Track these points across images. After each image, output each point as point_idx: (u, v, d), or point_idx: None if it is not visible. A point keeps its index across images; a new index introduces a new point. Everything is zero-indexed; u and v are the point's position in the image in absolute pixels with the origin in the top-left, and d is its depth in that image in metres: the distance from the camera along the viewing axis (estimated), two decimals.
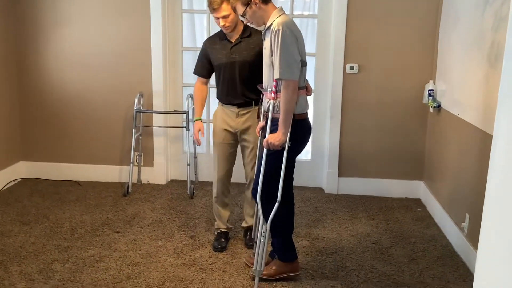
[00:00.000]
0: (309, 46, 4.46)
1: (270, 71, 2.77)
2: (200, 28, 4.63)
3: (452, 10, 3.74)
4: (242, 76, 3.18)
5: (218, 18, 3.13)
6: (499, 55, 2.84)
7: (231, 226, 3.54)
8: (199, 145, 3.52)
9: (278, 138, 2.72)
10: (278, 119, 2.75)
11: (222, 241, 3.39)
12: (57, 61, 4.55)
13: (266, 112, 2.86)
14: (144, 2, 4.35)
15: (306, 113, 2.87)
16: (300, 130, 2.82)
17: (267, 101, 2.84)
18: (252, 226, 3.40)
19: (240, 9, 2.79)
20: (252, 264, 2.96)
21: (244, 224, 3.55)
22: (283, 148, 2.76)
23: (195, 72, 3.41)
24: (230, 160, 3.39)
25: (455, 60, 3.60)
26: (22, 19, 4.49)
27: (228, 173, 3.41)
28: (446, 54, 3.83)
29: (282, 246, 3.00)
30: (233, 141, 3.34)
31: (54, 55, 4.54)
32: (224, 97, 3.29)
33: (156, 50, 4.42)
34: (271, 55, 2.72)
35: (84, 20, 4.44)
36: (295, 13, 4.38)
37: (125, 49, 4.46)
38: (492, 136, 2.87)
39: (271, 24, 2.71)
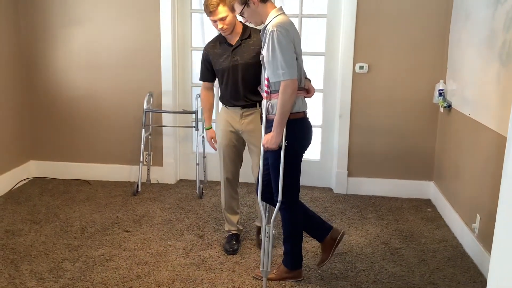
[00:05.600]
0: (318, 45, 4.45)
1: (265, 72, 2.75)
2: (209, 28, 4.63)
3: (462, 9, 3.72)
4: (245, 79, 3.16)
5: (215, 21, 3.08)
6: (510, 55, 2.81)
7: (241, 228, 3.54)
8: (216, 151, 3.50)
9: (272, 140, 2.70)
10: (272, 120, 2.72)
11: (233, 244, 3.38)
12: (67, 61, 4.57)
13: (262, 113, 2.84)
14: (154, 2, 4.36)
15: (303, 113, 2.80)
16: (297, 129, 2.76)
17: (263, 101, 2.83)
18: None
19: (238, 8, 2.76)
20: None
21: (257, 223, 3.53)
22: (282, 149, 2.73)
23: (201, 78, 3.41)
24: (236, 162, 3.36)
25: (466, 59, 3.58)
26: (32, 19, 4.52)
27: (235, 175, 3.39)
28: (457, 54, 3.80)
29: (289, 252, 2.98)
30: (238, 143, 3.32)
31: (64, 55, 4.56)
32: (228, 100, 3.27)
33: (165, 50, 4.43)
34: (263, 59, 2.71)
35: (93, 20, 4.46)
36: (304, 12, 4.36)
37: (135, 49, 4.48)
38: (502, 135, 2.85)
39: (267, 25, 2.69)
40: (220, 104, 3.39)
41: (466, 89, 3.55)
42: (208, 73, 3.34)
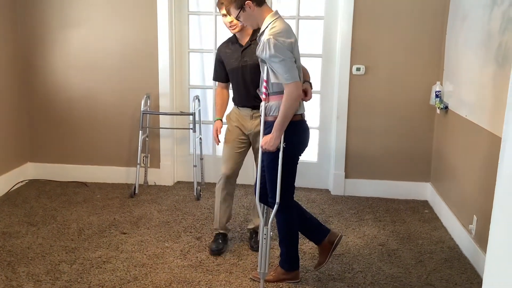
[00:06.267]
0: (316, 47, 4.46)
1: (263, 73, 2.77)
2: (206, 29, 4.64)
3: (459, 11, 3.73)
4: (254, 79, 3.16)
5: (225, 16, 3.13)
6: (506, 56, 2.83)
7: (230, 228, 3.52)
8: (218, 144, 3.49)
9: (271, 142, 2.71)
10: (270, 121, 2.74)
11: (219, 243, 3.36)
12: (64, 63, 4.57)
13: (260, 115, 2.85)
14: (151, 4, 4.37)
15: (301, 115, 2.81)
16: (294, 132, 2.77)
17: (261, 103, 2.84)
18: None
19: (234, 12, 2.77)
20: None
21: (250, 226, 3.54)
22: (280, 150, 2.74)
23: (214, 78, 3.44)
24: (237, 160, 3.34)
25: (463, 61, 3.59)
26: (30, 21, 4.52)
27: (234, 173, 3.36)
28: (453, 55, 3.81)
29: (286, 254, 2.98)
30: (244, 141, 3.31)
31: (61, 57, 4.56)
32: (238, 100, 3.30)
33: (163, 51, 4.43)
34: (262, 61, 2.73)
35: (91, 22, 4.47)
36: (302, 14, 4.37)
37: (132, 51, 4.48)
38: (499, 137, 2.86)
39: (264, 30, 2.70)
40: (232, 105, 3.41)
41: (463, 91, 3.56)
42: (221, 72, 3.36)
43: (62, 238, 3.54)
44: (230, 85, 3.41)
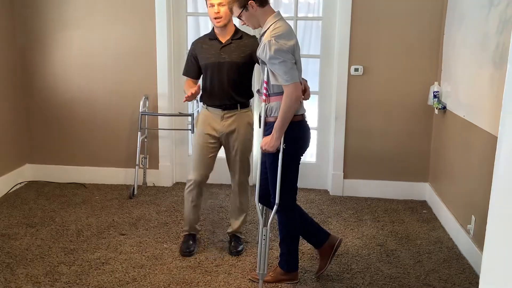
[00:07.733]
0: (314, 48, 4.47)
1: (263, 75, 2.78)
2: (205, 31, 4.64)
3: (456, 12, 3.74)
4: (230, 77, 3.14)
5: (212, 6, 3.08)
6: (503, 57, 2.83)
7: (199, 229, 3.51)
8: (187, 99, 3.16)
9: (271, 143, 2.72)
10: (271, 122, 2.75)
11: (190, 244, 3.34)
12: (63, 65, 4.57)
13: (260, 116, 2.85)
14: (149, 6, 4.37)
15: (301, 115, 2.82)
16: (295, 132, 2.78)
17: (261, 104, 2.85)
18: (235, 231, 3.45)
19: (237, 11, 2.77)
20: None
21: (229, 230, 3.49)
22: (280, 151, 2.74)
23: (184, 73, 3.35)
24: (208, 165, 3.29)
25: (460, 61, 3.60)
26: (28, 23, 4.52)
27: (205, 178, 3.31)
28: (451, 56, 3.82)
29: (285, 254, 2.98)
30: (214, 145, 3.27)
31: (60, 59, 4.56)
32: (210, 98, 3.23)
33: (161, 53, 4.44)
34: (262, 62, 2.74)
35: (89, 23, 4.47)
36: (300, 15, 4.38)
37: (130, 52, 4.48)
38: (496, 137, 2.86)
39: (265, 31, 2.71)
40: (200, 106, 3.34)
41: (461, 91, 3.57)
42: (193, 68, 3.28)
43: (60, 239, 3.54)
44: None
